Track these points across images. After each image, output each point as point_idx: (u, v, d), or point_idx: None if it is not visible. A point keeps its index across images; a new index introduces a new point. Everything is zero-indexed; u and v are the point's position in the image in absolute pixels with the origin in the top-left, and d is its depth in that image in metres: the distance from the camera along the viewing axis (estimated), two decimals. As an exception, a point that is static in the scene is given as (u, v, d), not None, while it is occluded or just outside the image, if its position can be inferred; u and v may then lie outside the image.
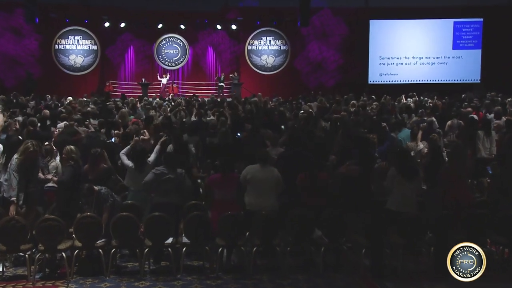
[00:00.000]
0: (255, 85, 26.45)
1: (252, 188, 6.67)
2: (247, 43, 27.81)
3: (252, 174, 6.67)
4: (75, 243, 6.27)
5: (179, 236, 6.56)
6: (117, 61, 27.42)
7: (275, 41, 27.94)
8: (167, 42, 27.79)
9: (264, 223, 6.33)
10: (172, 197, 6.64)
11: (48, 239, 6.04)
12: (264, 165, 6.74)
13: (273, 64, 27.94)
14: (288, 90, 25.46)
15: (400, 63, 26.96)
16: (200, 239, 6.36)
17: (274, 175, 6.75)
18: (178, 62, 27.96)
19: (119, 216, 6.24)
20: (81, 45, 26.81)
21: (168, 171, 6.66)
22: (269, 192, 6.64)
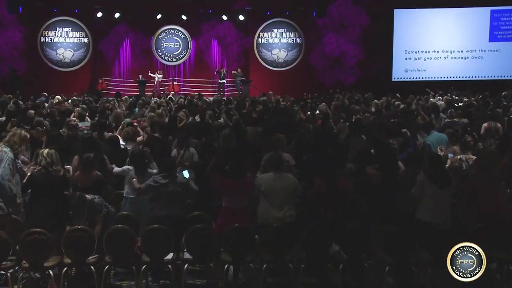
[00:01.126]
0: (265, 83, 26.59)
1: (267, 200, 6.67)
2: (256, 36, 28.02)
3: (266, 184, 6.68)
4: (64, 259, 6.20)
5: (180, 251, 6.52)
6: (111, 55, 27.57)
7: (287, 34, 28.10)
8: (167, 35, 28.01)
9: (275, 237, 6.31)
10: (173, 210, 6.66)
11: (33, 255, 5.97)
12: (279, 171, 6.77)
13: (285, 59, 28.11)
14: (301, 88, 25.55)
15: (428, 58, 26.91)
16: (203, 254, 6.33)
17: (291, 182, 6.76)
18: (179, 57, 28.15)
19: (113, 228, 6.19)
20: (70, 38, 27.03)
21: (167, 181, 6.71)
22: (286, 201, 6.67)
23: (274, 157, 7.01)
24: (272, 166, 6.83)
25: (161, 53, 27.98)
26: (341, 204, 6.71)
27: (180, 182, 6.78)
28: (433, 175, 6.51)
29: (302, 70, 27.50)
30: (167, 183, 6.69)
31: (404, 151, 8.54)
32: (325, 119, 11.55)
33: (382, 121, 11.36)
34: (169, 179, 6.71)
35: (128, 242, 6.19)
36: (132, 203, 7.18)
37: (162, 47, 27.96)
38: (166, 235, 6.20)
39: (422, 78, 26.54)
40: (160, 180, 6.70)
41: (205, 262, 6.46)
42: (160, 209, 6.72)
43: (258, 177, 6.84)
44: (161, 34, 27.88)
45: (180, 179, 6.84)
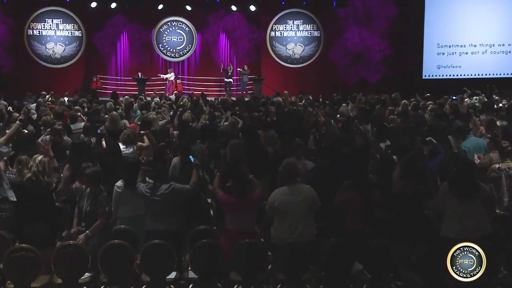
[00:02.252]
0: (279, 81, 26.67)
1: (281, 218, 6.65)
2: (270, 29, 28.12)
3: (279, 200, 6.65)
4: (53, 279, 6.17)
5: (184, 270, 6.52)
6: (107, 51, 27.57)
7: (304, 26, 28.19)
8: (170, 28, 28.11)
9: (291, 254, 6.26)
10: (164, 224, 6.68)
11: (19, 274, 5.92)
12: (293, 183, 6.75)
13: (302, 54, 28.22)
14: (320, 87, 25.56)
15: (464, 53, 26.81)
16: (210, 273, 6.30)
17: (307, 195, 6.73)
18: (183, 52, 28.25)
19: (109, 244, 6.16)
20: (61, 31, 27.07)
21: (151, 191, 6.73)
22: (304, 218, 6.61)
23: (286, 167, 7.00)
24: (285, 177, 6.83)
25: (163, 48, 28.02)
26: (370, 219, 6.69)
27: (165, 192, 6.72)
28: (457, 186, 6.38)
29: (321, 67, 27.48)
30: (150, 195, 6.71)
31: (436, 158, 8.37)
32: (347, 122, 11.54)
33: (409, 125, 11.33)
34: (151, 191, 6.73)
35: (126, 259, 6.14)
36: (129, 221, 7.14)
37: (164, 41, 27.98)
38: (168, 251, 6.16)
39: (456, 76, 26.53)
40: (145, 192, 6.75)
41: (212, 282, 6.38)
42: (150, 223, 6.76)
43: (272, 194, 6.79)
44: (162, 27, 27.94)
45: (164, 187, 6.74)
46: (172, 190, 6.75)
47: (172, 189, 6.76)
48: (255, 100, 17.74)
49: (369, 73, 27.12)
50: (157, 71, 27.50)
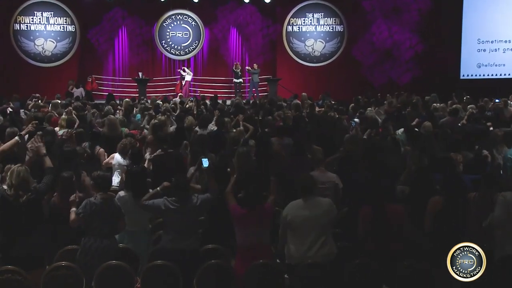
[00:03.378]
0: (297, 82, 26.72)
1: (295, 234, 6.64)
2: (286, 23, 28.01)
3: (293, 214, 6.65)
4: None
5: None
6: (104, 48, 27.60)
7: (325, 20, 28.10)
8: (174, 22, 28.10)
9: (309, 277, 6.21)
10: (187, 242, 6.70)
11: None
12: (309, 197, 6.73)
13: (323, 52, 28.14)
14: (343, 89, 25.70)
15: (508, 49, 26.43)
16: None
17: (326, 209, 6.71)
18: (188, 49, 28.23)
19: (106, 265, 6.17)
20: (52, 25, 26.94)
21: (179, 206, 6.72)
22: (320, 235, 6.60)
23: (303, 178, 6.96)
24: (300, 189, 6.80)
25: (166, 44, 28.01)
26: (392, 238, 6.70)
27: (195, 206, 6.78)
28: None
29: (344, 66, 27.38)
30: (179, 209, 6.70)
31: (472, 169, 8.44)
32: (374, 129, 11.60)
33: (445, 131, 11.35)
34: (180, 204, 6.71)
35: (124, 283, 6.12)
36: (130, 237, 7.22)
37: (167, 37, 28.00)
38: (173, 273, 6.13)
39: (500, 75, 26.35)
40: (171, 205, 6.71)
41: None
42: (171, 241, 6.71)
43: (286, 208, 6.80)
44: (166, 21, 27.95)
45: (195, 201, 6.79)
46: (202, 202, 6.82)
47: (202, 201, 6.82)
48: (271, 103, 17.85)
49: (399, 73, 27.17)
50: (159, 71, 27.66)
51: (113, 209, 6.76)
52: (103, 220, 6.63)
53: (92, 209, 6.59)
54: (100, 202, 6.66)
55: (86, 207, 6.61)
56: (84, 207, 6.62)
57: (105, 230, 6.63)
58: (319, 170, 8.34)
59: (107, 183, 6.92)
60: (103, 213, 6.63)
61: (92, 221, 6.60)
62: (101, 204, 6.66)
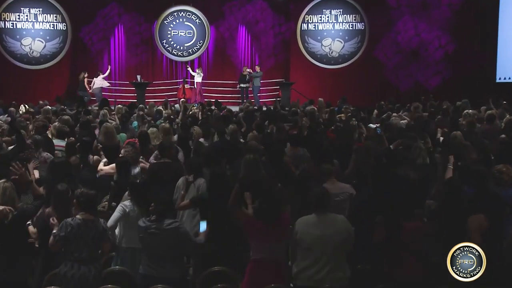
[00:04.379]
0: (313, 86, 26.79)
1: (304, 254, 6.63)
2: (301, 20, 28.00)
3: (303, 231, 6.64)
4: None
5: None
6: (98, 48, 27.61)
7: (344, 17, 28.01)
8: (176, 19, 28.08)
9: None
10: (163, 268, 6.69)
11: None
12: (323, 213, 6.70)
13: (341, 52, 28.04)
14: (364, 93, 25.87)
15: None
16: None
17: (340, 228, 6.67)
18: (192, 50, 28.19)
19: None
20: (40, 23, 26.92)
21: (154, 226, 6.72)
22: (333, 257, 6.57)
23: (316, 192, 6.91)
24: (314, 204, 6.78)
25: (168, 44, 27.99)
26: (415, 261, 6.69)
27: (171, 228, 6.71)
28: None
29: (365, 68, 27.29)
30: (153, 229, 6.69)
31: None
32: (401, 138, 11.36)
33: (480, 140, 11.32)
34: (156, 224, 6.71)
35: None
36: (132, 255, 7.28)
37: (169, 36, 27.97)
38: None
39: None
40: (142, 225, 6.77)
41: None
42: (147, 266, 6.77)
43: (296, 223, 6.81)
44: (167, 19, 27.91)
45: (172, 224, 6.77)
46: (176, 230, 6.74)
47: (177, 229, 6.76)
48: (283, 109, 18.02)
49: (427, 75, 27.12)
50: (160, 74, 27.75)
51: (94, 231, 6.64)
52: (81, 244, 6.56)
53: (68, 231, 6.50)
54: (78, 223, 6.56)
55: (62, 228, 6.53)
56: (60, 228, 6.54)
57: (84, 255, 6.54)
58: (330, 182, 8.33)
59: (90, 203, 6.80)
60: (81, 236, 6.55)
61: (69, 244, 6.52)
62: (80, 226, 6.56)
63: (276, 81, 27.04)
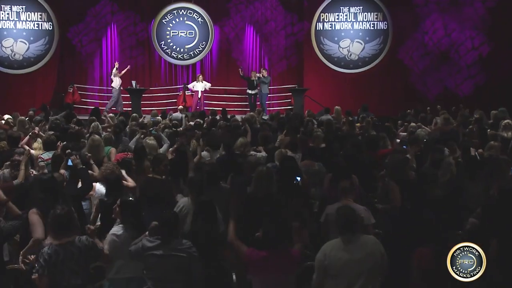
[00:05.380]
0: (329, 93, 26.73)
1: (335, 282, 6.65)
2: (316, 19, 27.77)
3: (331, 256, 6.65)
4: None
5: None
6: (89, 50, 27.43)
7: (365, 15, 27.80)
8: (176, 18, 27.87)
9: None
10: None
11: None
12: (351, 235, 6.75)
13: (361, 55, 27.86)
14: (387, 101, 25.97)
15: None
16: None
17: (371, 250, 6.72)
18: (194, 53, 27.98)
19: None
20: (23, 22, 26.69)
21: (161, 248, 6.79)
22: (366, 283, 6.63)
23: (341, 212, 6.98)
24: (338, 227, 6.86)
25: (166, 46, 27.77)
26: None
27: (182, 249, 6.84)
28: None
29: (388, 73, 27.29)
30: (161, 251, 6.78)
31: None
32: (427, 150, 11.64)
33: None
34: (164, 245, 6.79)
35: None
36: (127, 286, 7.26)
37: (167, 37, 27.77)
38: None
39: None
40: (150, 245, 6.83)
41: None
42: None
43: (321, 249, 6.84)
44: (166, 17, 27.70)
45: (183, 244, 6.90)
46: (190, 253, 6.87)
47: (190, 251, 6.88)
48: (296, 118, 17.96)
49: (458, 81, 26.88)
50: (158, 79, 27.61)
51: (78, 254, 6.57)
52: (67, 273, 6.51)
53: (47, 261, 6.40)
54: (55, 250, 6.46)
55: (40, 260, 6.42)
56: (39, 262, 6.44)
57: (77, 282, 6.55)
58: (345, 202, 8.15)
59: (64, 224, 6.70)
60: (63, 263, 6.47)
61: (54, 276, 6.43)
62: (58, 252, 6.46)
63: (288, 87, 26.80)
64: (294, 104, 25.52)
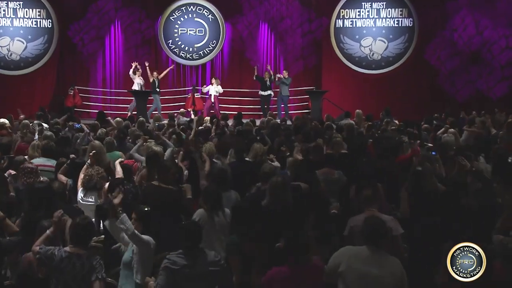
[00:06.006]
0: (349, 95, 26.71)
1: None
2: (335, 16, 27.78)
3: (349, 264, 6.65)
4: None
5: None
6: (90, 49, 27.41)
7: (388, 11, 27.74)
8: (184, 15, 27.92)
9: None
10: None
11: None
12: (376, 249, 6.73)
13: (384, 54, 27.83)
14: (412, 104, 25.84)
15: None
16: None
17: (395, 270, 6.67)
18: (204, 52, 28.04)
19: None
20: (21, 20, 26.72)
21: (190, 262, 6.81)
22: None
23: (370, 222, 6.93)
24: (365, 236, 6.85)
25: (174, 45, 27.79)
26: None
27: (212, 262, 6.91)
28: None
29: (414, 74, 27.16)
30: (191, 265, 6.80)
31: None
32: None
33: None
34: (192, 259, 6.83)
35: None
36: None
37: (175, 35, 27.78)
38: None
39: None
40: (178, 260, 6.79)
41: None
42: None
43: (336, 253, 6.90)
44: (174, 14, 27.72)
45: (212, 257, 6.98)
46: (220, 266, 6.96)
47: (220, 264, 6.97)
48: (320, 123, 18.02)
49: (491, 83, 26.67)
50: (165, 80, 27.17)
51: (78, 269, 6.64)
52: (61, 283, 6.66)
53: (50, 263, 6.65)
54: (61, 257, 6.64)
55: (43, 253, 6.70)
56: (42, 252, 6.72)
57: None
58: (369, 212, 8.07)
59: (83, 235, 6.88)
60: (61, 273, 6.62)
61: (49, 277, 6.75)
62: (62, 260, 6.64)
63: (305, 89, 26.67)
64: (311, 107, 25.36)
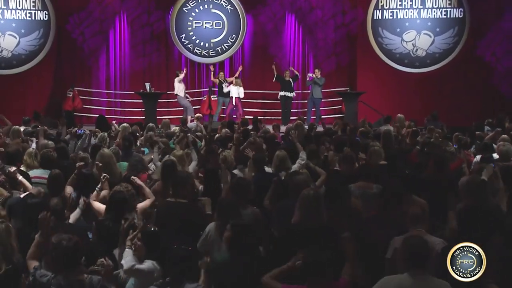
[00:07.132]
0: (389, 97, 26.59)
1: None
2: (373, 7, 27.47)
3: None
4: None
5: None
6: (92, 45, 27.43)
7: (434, 0, 27.36)
8: (199, 6, 27.85)
9: None
10: None
11: None
12: (421, 274, 6.75)
13: (430, 50, 27.32)
14: (463, 107, 25.58)
15: None
16: None
17: None
18: (222, 48, 27.96)
19: None
20: (12, 11, 26.59)
21: None
22: None
23: (410, 243, 7.02)
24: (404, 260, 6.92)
25: (188, 40, 27.70)
26: None
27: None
28: None
29: (465, 73, 26.76)
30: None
31: None
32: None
33: None
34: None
35: None
36: None
37: (189, 29, 27.69)
38: None
39: None
40: None
41: None
42: None
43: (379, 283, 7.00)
44: (187, 4, 27.63)
45: None
46: None
47: None
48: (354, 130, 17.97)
49: None
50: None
51: None
52: None
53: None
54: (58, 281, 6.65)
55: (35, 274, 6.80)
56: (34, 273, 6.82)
57: None
58: (415, 233, 7.99)
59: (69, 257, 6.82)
60: None
61: None
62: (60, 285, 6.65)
63: (337, 90, 26.44)
64: (345, 111, 25.07)
